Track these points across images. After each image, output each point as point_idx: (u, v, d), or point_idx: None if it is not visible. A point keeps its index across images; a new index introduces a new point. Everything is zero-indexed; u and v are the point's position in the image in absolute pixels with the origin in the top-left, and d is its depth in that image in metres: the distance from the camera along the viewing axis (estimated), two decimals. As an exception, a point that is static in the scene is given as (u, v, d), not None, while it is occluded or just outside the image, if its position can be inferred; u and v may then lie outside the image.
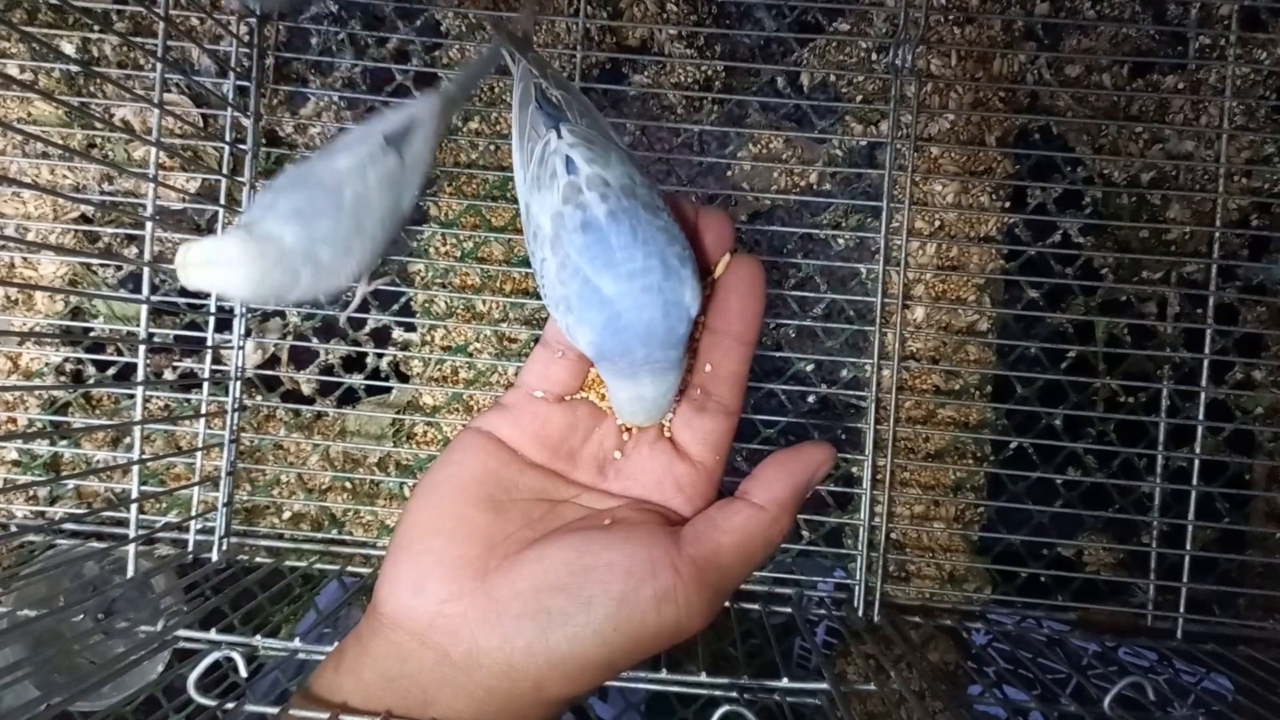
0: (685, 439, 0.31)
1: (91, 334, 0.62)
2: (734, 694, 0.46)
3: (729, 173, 0.61)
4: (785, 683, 0.47)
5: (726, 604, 0.55)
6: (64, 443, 0.62)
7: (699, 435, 0.31)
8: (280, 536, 0.61)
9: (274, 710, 0.26)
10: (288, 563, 0.59)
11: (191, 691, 0.43)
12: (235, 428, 0.58)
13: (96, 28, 0.59)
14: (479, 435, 0.31)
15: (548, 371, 0.32)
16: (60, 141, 0.59)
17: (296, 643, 0.48)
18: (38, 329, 0.62)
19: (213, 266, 0.38)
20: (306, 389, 0.62)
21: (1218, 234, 0.58)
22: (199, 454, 0.58)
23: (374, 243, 0.44)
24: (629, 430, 0.32)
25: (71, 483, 0.61)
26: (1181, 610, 0.56)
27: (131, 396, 0.61)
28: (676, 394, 0.30)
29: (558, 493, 0.30)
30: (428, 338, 0.61)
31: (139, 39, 0.57)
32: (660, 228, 0.29)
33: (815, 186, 0.61)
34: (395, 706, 0.26)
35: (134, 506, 0.52)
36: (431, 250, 0.61)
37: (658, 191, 0.30)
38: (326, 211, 0.41)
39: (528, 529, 0.28)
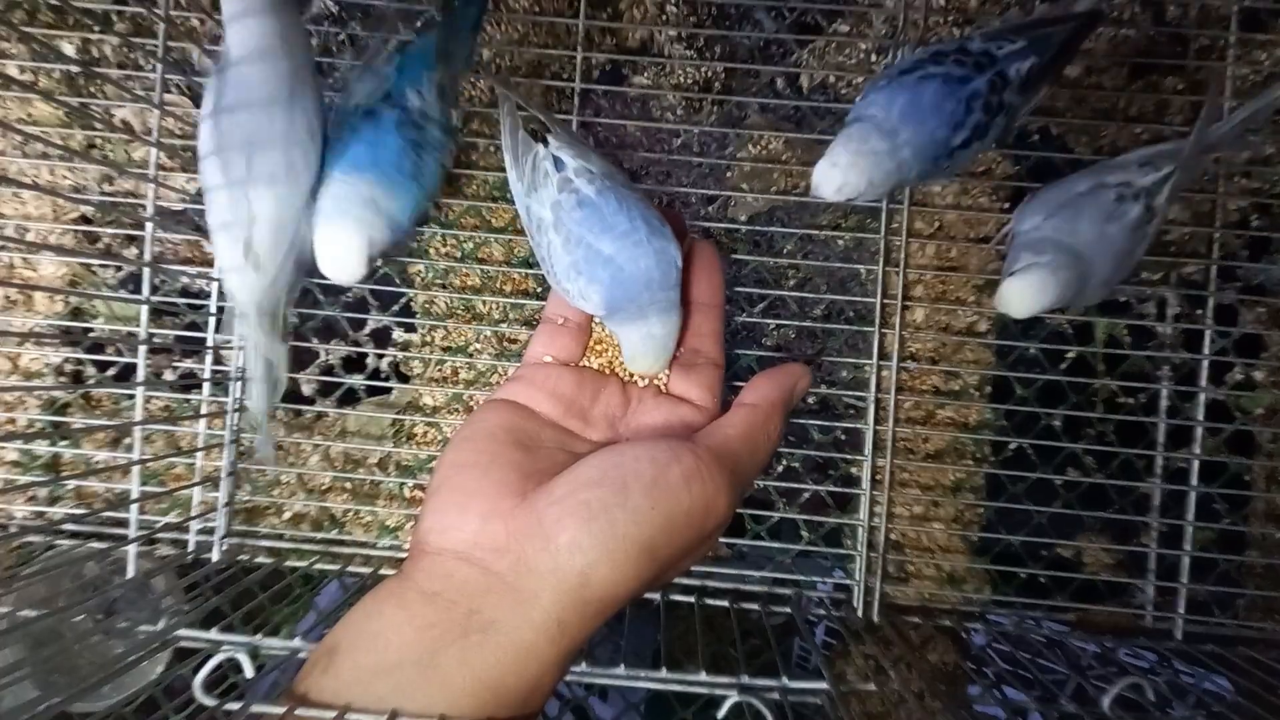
0: (682, 389, 0.35)
1: (91, 334, 0.62)
2: (734, 694, 0.46)
3: (728, 174, 0.61)
4: (785, 682, 0.47)
5: (726, 604, 0.56)
6: (64, 443, 0.62)
7: (694, 384, 0.35)
8: (280, 537, 0.61)
9: (278, 710, 0.26)
10: (288, 563, 0.58)
11: (197, 692, 0.43)
12: (235, 428, 0.58)
13: (96, 28, 0.59)
14: (499, 401, 0.34)
15: (553, 340, 0.36)
16: (60, 142, 0.59)
17: (297, 642, 0.48)
18: (37, 329, 0.62)
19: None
20: (307, 389, 0.62)
21: (1217, 234, 0.58)
22: (199, 454, 0.58)
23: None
24: (634, 379, 0.36)
25: (71, 483, 0.61)
26: (1181, 611, 0.56)
27: (131, 397, 0.61)
28: (677, 342, 0.35)
29: (577, 447, 0.33)
30: (428, 338, 0.61)
31: (139, 39, 0.57)
32: (639, 199, 0.34)
33: (815, 187, 0.61)
34: (437, 622, 0.26)
35: (134, 507, 0.52)
36: (432, 251, 0.61)
37: (632, 184, 0.36)
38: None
39: (556, 470, 0.30)
